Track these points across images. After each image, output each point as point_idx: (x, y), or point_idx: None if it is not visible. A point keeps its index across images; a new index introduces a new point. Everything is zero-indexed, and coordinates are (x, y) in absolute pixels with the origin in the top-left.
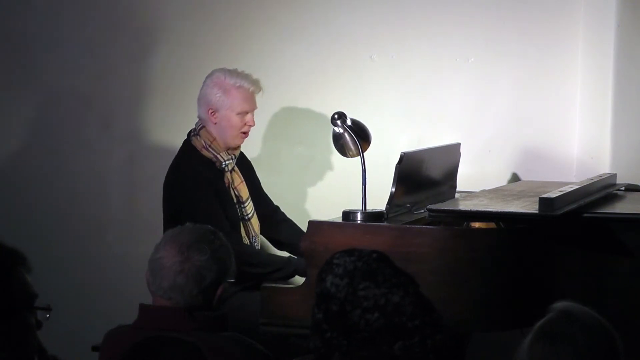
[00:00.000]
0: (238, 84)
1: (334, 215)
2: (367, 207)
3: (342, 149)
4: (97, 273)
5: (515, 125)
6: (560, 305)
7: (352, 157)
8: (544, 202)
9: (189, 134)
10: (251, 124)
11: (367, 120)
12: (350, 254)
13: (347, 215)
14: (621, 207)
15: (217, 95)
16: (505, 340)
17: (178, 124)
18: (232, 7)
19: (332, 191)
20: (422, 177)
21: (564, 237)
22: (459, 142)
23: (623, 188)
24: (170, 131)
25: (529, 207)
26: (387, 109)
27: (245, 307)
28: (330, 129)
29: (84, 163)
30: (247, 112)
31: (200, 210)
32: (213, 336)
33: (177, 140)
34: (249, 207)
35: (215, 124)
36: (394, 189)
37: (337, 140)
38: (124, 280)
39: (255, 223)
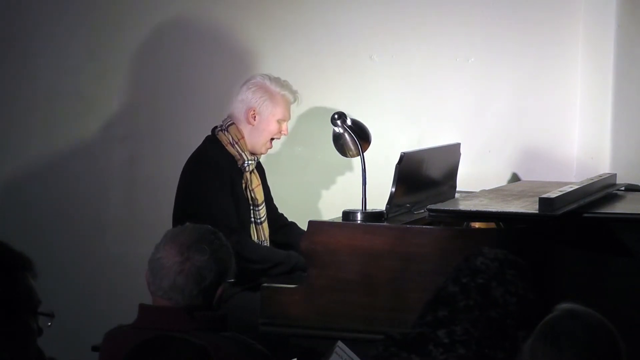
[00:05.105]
0: (282, 92)
1: (334, 215)
2: (367, 207)
3: (342, 149)
4: (97, 273)
5: (515, 125)
6: (563, 305)
7: (352, 157)
8: (544, 202)
9: (213, 130)
10: (285, 132)
11: (367, 120)
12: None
13: (347, 215)
14: (621, 207)
15: (262, 99)
16: None
17: (178, 124)
18: (232, 7)
19: (332, 191)
20: (422, 177)
21: (564, 237)
22: (459, 142)
23: (623, 188)
24: (171, 131)
25: (529, 207)
26: (387, 109)
27: (245, 307)
28: (330, 129)
29: (84, 163)
30: (284, 121)
31: (214, 202)
32: (213, 336)
33: (177, 141)
34: (263, 210)
35: (253, 126)
36: (394, 189)
37: (337, 140)
38: (124, 280)
39: (265, 228)
